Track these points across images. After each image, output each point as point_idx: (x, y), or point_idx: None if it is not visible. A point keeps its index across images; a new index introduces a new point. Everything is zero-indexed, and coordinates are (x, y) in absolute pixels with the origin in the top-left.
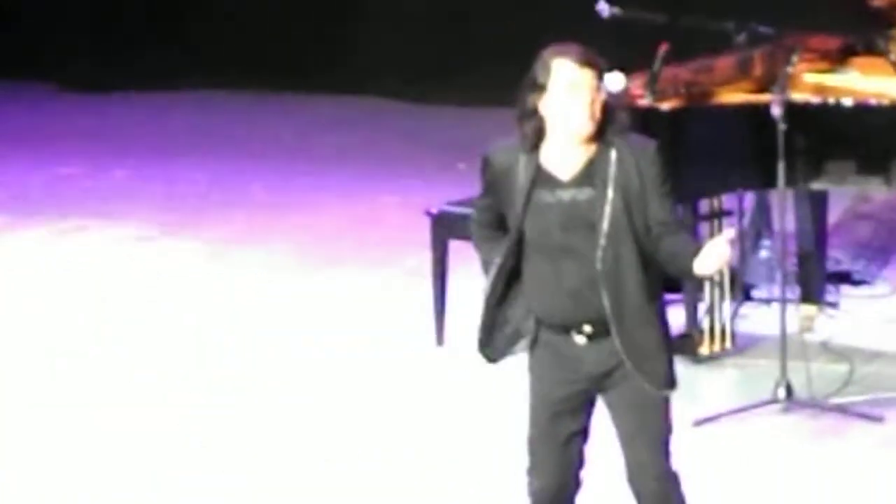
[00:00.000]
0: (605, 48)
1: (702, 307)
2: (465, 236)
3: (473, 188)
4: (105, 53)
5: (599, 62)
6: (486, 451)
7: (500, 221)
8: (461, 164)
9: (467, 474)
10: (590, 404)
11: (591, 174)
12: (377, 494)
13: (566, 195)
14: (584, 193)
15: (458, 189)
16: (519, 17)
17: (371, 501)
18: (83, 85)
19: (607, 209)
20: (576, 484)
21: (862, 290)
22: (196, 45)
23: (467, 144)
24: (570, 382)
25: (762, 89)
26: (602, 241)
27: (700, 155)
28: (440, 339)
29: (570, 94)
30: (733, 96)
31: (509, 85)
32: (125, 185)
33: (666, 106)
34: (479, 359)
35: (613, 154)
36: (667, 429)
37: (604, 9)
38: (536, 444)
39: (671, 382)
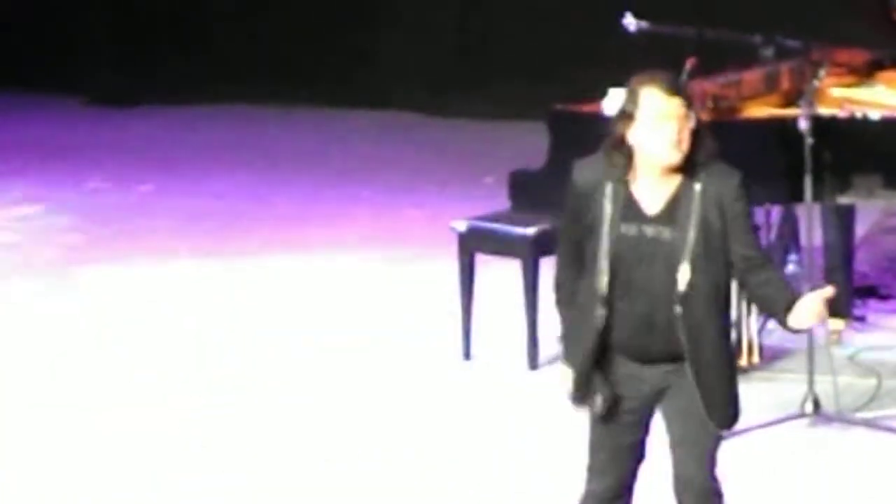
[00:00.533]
0: (631, 63)
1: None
2: (491, 250)
3: (500, 202)
4: (130, 67)
5: (687, 90)
6: (511, 463)
7: (579, 252)
8: (488, 178)
9: (490, 486)
10: (652, 411)
11: (674, 210)
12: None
13: (650, 231)
14: (667, 232)
15: (484, 203)
16: (544, 32)
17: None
18: (108, 98)
19: (688, 250)
20: (633, 478)
21: (889, 304)
22: (221, 58)
23: (492, 158)
24: (630, 399)
25: (789, 103)
26: (681, 284)
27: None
28: (467, 353)
29: (657, 123)
30: (760, 110)
31: (534, 98)
32: (149, 199)
33: None
34: (505, 373)
35: (698, 187)
36: (716, 442)
37: (630, 23)
38: (597, 449)
39: (733, 420)
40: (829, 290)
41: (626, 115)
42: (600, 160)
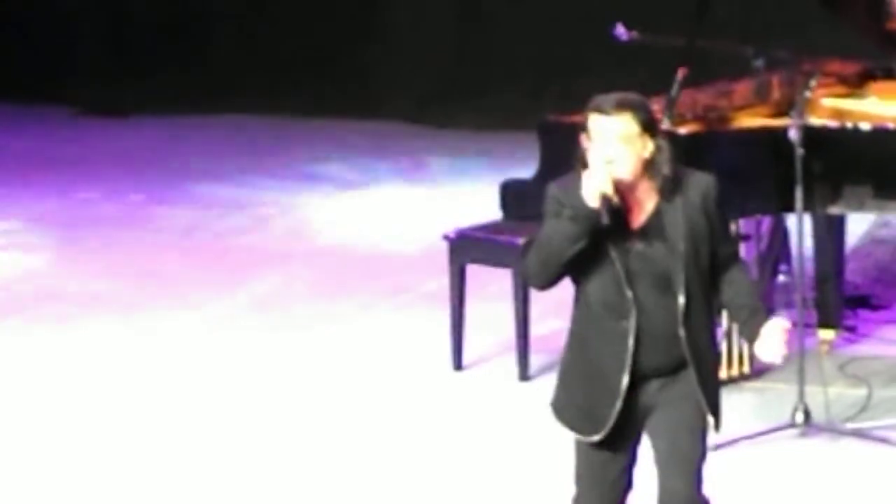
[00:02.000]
0: (622, 72)
1: (720, 331)
2: (482, 260)
3: (491, 212)
4: (121, 78)
5: (638, 109)
6: (502, 475)
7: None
8: (478, 188)
9: (481, 497)
10: (639, 436)
11: (659, 224)
12: None
13: (638, 246)
14: (654, 246)
15: (475, 212)
16: (537, 43)
17: None
18: (100, 109)
19: (681, 268)
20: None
21: (880, 315)
22: (212, 68)
23: (483, 168)
24: (619, 429)
25: (780, 114)
26: (680, 299)
27: (718, 179)
28: (458, 364)
29: (595, 143)
30: (751, 121)
31: (524, 109)
32: (141, 210)
33: (684, 130)
34: (496, 384)
35: (679, 200)
36: (702, 454)
37: (621, 33)
38: (584, 482)
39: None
40: (786, 324)
41: (587, 138)
42: (576, 179)
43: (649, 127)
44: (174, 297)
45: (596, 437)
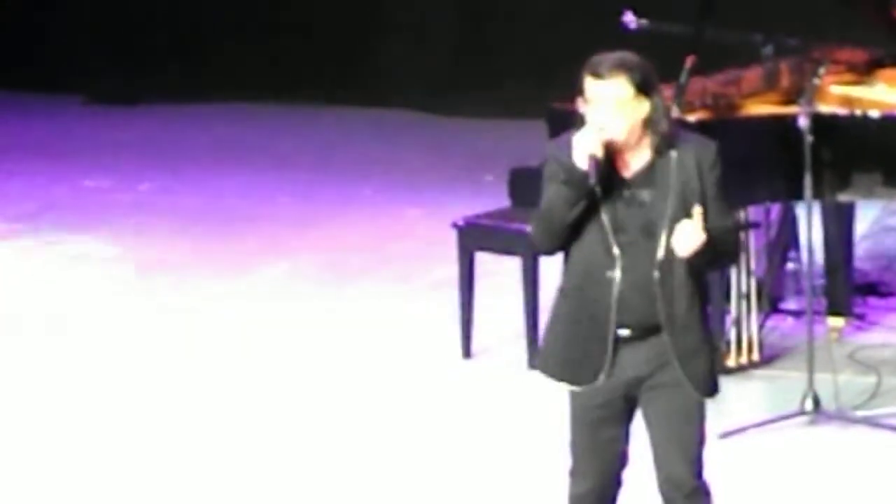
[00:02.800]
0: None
1: (729, 319)
2: (491, 248)
3: (500, 200)
4: (129, 66)
5: (633, 71)
6: (512, 462)
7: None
8: (489, 176)
9: (490, 484)
10: (629, 409)
11: (651, 175)
12: None
13: (626, 193)
14: (644, 195)
15: (484, 201)
16: (544, 30)
17: None
18: (108, 98)
19: (666, 217)
20: (617, 484)
21: (889, 302)
22: (220, 57)
23: (492, 157)
24: (607, 389)
25: (789, 101)
26: (660, 248)
27: (727, 167)
28: (467, 352)
29: (591, 104)
30: (760, 108)
31: (534, 97)
32: (150, 198)
33: (693, 118)
34: (505, 371)
35: (674, 155)
36: (700, 440)
37: (630, 21)
38: (578, 449)
39: (714, 388)
40: (698, 210)
41: (583, 99)
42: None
43: (645, 88)
44: (182, 285)
45: (593, 385)
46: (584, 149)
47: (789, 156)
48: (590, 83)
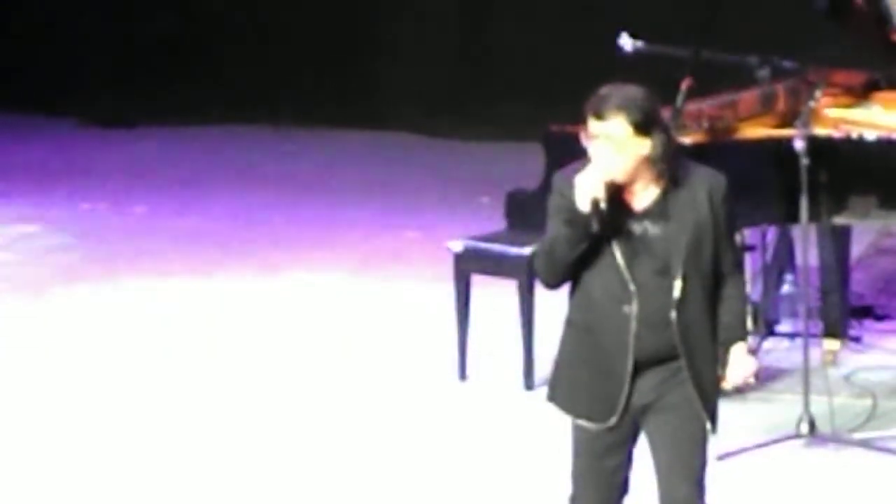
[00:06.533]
0: (627, 83)
1: None
2: (487, 270)
3: (496, 222)
4: (126, 89)
5: (631, 110)
6: (507, 484)
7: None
8: (485, 198)
9: None
10: (634, 433)
11: (663, 210)
12: None
13: (637, 228)
14: (655, 229)
15: (481, 223)
16: (541, 53)
17: None
18: (104, 120)
19: (680, 255)
20: None
21: (885, 325)
22: (217, 80)
23: (489, 179)
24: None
25: (785, 124)
26: (676, 288)
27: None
28: (462, 374)
29: (594, 147)
30: (756, 131)
31: (530, 119)
32: (145, 221)
33: (689, 141)
34: (501, 393)
35: (684, 192)
36: (703, 463)
37: (626, 43)
38: (580, 475)
39: (715, 420)
40: (746, 353)
41: (586, 137)
42: (580, 170)
43: (644, 126)
44: (178, 307)
45: (606, 424)
46: (585, 192)
47: (785, 178)
48: (591, 122)
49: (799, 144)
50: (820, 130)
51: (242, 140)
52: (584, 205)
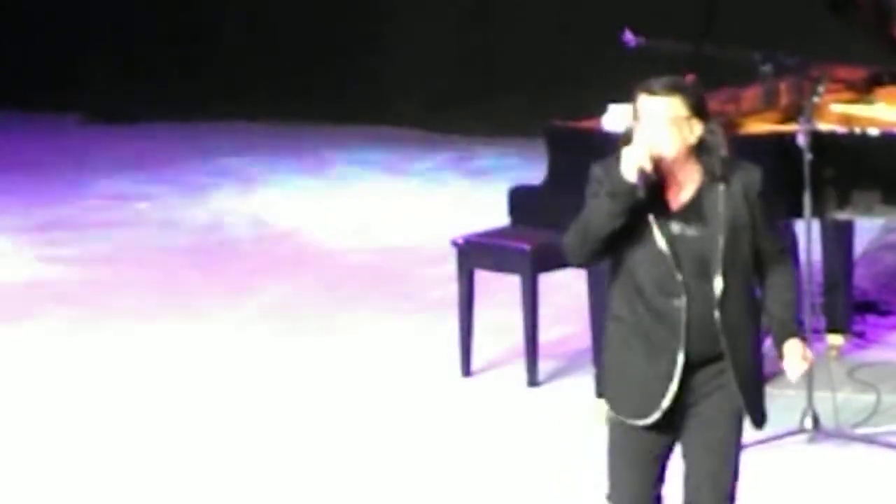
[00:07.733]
0: (630, 78)
1: None
2: (490, 266)
3: (500, 218)
4: (129, 84)
5: (688, 91)
6: (511, 481)
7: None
8: (486, 194)
9: (489, 502)
10: (671, 442)
11: (699, 209)
12: None
13: (675, 228)
14: (692, 230)
15: (484, 218)
16: (544, 48)
17: None
18: (108, 115)
19: (719, 254)
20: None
21: (888, 320)
22: (220, 75)
23: (492, 173)
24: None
25: (788, 119)
26: (717, 288)
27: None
28: (466, 370)
29: (643, 122)
30: (759, 126)
31: (533, 115)
32: (149, 216)
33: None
34: (505, 389)
35: (721, 188)
36: (735, 475)
37: (630, 39)
38: (617, 470)
39: (764, 418)
40: (801, 347)
41: (634, 117)
42: (618, 159)
43: (699, 111)
44: (182, 303)
45: (649, 420)
46: (633, 161)
47: (788, 174)
48: (644, 100)
49: (802, 140)
50: (823, 126)
51: (245, 136)
52: (630, 173)
